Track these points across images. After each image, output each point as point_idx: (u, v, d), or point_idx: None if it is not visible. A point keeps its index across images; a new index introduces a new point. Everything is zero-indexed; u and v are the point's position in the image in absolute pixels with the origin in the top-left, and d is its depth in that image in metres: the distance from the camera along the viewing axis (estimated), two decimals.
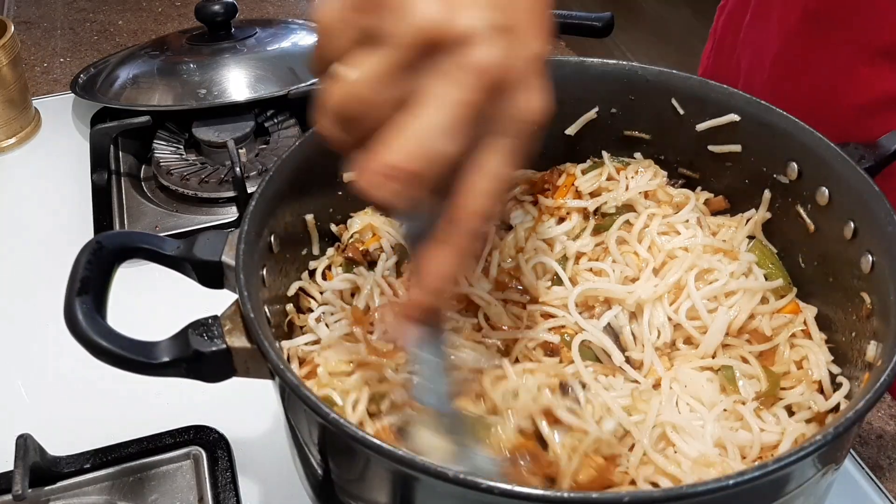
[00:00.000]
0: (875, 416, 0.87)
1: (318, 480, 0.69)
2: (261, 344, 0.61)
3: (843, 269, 0.74)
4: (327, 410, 0.56)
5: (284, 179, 0.76)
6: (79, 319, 0.62)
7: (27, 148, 1.32)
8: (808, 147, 0.76)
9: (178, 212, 1.18)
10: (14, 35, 1.27)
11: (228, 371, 0.66)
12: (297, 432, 0.67)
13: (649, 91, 0.85)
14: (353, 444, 0.56)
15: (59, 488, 0.81)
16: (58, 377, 0.95)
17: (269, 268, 0.73)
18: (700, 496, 0.52)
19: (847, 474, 0.82)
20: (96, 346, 0.62)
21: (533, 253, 0.79)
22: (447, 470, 0.52)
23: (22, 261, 1.10)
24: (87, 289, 0.64)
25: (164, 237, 0.71)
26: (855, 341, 0.71)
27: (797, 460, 0.53)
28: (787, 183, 0.79)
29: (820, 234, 0.77)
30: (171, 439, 0.85)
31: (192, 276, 0.71)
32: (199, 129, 1.23)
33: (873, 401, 0.56)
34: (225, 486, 0.81)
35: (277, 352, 0.61)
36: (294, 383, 0.58)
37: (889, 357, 0.59)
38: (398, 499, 0.60)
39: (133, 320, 0.69)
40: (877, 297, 0.69)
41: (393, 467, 0.56)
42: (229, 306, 0.66)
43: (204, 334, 0.64)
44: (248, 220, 0.69)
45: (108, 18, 1.66)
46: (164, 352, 0.64)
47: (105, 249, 0.68)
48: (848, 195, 0.73)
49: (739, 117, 0.81)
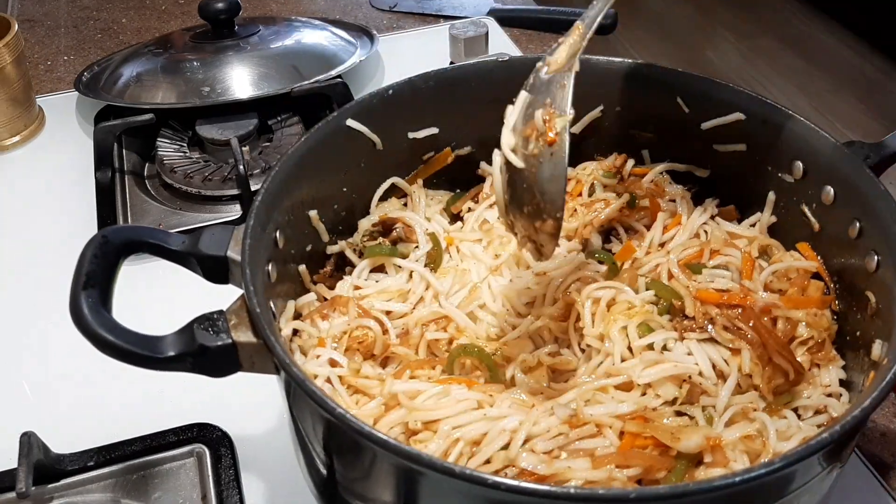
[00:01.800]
0: (879, 414, 0.87)
1: (322, 478, 0.69)
2: (267, 339, 0.61)
3: (848, 268, 0.74)
4: (333, 405, 0.56)
5: (289, 175, 0.76)
6: (84, 313, 0.62)
7: (31, 146, 1.32)
8: (813, 146, 0.76)
9: (182, 210, 1.18)
10: (18, 33, 1.27)
11: (234, 366, 0.66)
12: (301, 429, 0.67)
13: (654, 89, 0.85)
14: (359, 438, 0.56)
15: (62, 486, 0.81)
16: (62, 375, 0.95)
17: (275, 263, 0.73)
18: (706, 493, 0.52)
19: (851, 472, 0.82)
20: (101, 339, 0.62)
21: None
22: (453, 466, 0.52)
23: (26, 259, 1.10)
24: (93, 283, 0.64)
25: (169, 232, 0.71)
26: (860, 340, 0.71)
27: (803, 458, 0.53)
28: (793, 182, 0.79)
29: (825, 233, 0.77)
30: (174, 437, 0.85)
31: (198, 271, 0.71)
32: (202, 127, 1.23)
33: (879, 399, 0.56)
34: (228, 483, 0.81)
35: (283, 346, 0.61)
36: (300, 377, 0.58)
37: (894, 356, 0.59)
38: (403, 496, 0.60)
39: (143, 316, 0.69)
40: (882, 296, 0.68)
41: (399, 462, 0.56)
42: (235, 301, 0.66)
43: (209, 329, 0.64)
44: (254, 215, 0.70)
45: (112, 16, 1.66)
46: (170, 346, 0.64)
47: (111, 244, 0.68)
48: (853, 194, 0.73)
49: (745, 116, 0.81)
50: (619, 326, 0.72)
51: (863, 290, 0.71)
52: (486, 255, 0.82)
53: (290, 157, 0.76)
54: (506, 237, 0.82)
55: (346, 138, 0.82)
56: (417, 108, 0.86)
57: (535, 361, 0.72)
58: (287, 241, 0.76)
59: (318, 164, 0.80)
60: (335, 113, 0.81)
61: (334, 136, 0.81)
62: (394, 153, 0.87)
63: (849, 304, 0.74)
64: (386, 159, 0.87)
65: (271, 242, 0.73)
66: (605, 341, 0.72)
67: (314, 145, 0.79)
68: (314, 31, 1.40)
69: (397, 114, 0.85)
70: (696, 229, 0.83)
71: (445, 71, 0.86)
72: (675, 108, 0.85)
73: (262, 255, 0.70)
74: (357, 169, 0.85)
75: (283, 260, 0.76)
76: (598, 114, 0.88)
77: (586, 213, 0.85)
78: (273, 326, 0.64)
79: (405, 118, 0.87)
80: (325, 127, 0.80)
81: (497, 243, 0.83)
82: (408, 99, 0.85)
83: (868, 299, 0.70)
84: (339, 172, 0.83)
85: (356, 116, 0.82)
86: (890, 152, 0.76)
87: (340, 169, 0.83)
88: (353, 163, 0.84)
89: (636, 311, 0.73)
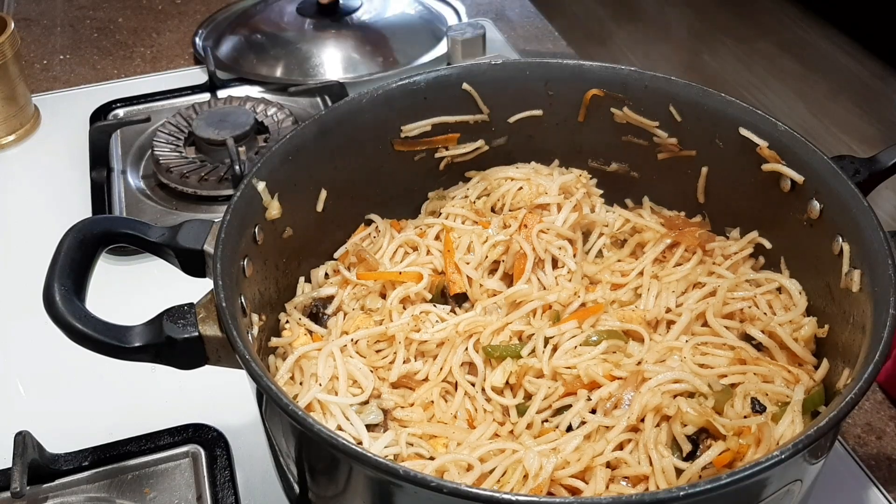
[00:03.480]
0: (875, 418, 0.87)
1: (293, 488, 0.69)
2: (229, 333, 0.61)
3: (833, 284, 0.73)
4: (287, 401, 0.56)
5: (272, 172, 0.76)
6: (56, 301, 0.63)
7: (26, 145, 1.31)
8: (803, 159, 0.76)
9: (178, 209, 1.18)
10: (14, 32, 1.26)
11: (200, 359, 0.66)
12: (273, 441, 0.68)
13: (647, 96, 0.85)
14: (331, 450, 0.56)
15: (57, 486, 0.81)
16: (56, 375, 0.94)
17: (253, 259, 0.73)
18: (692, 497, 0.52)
19: (845, 475, 0.82)
20: (71, 327, 0.63)
21: None
22: (429, 478, 0.52)
23: (20, 258, 1.10)
24: (68, 272, 0.65)
25: (149, 224, 0.71)
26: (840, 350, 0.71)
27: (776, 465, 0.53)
28: (782, 195, 0.78)
29: (812, 248, 0.76)
30: (169, 437, 0.85)
31: (175, 264, 0.71)
32: (198, 126, 1.22)
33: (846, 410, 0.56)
34: (223, 483, 0.81)
35: (246, 341, 0.61)
36: (258, 373, 0.58)
37: (854, 384, 0.58)
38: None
39: (143, 316, 0.68)
40: (859, 315, 0.68)
41: (374, 475, 0.56)
42: (205, 295, 0.66)
43: (178, 321, 0.65)
44: (232, 210, 0.70)
45: (108, 16, 1.65)
46: (137, 336, 0.64)
47: (88, 234, 0.68)
48: (838, 209, 0.72)
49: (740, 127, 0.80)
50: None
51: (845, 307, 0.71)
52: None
53: (274, 153, 0.77)
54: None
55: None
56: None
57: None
58: (267, 238, 0.76)
59: (303, 163, 0.80)
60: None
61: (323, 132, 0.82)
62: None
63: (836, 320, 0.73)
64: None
65: (249, 238, 0.73)
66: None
67: (300, 144, 0.79)
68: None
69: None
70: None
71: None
72: (667, 116, 0.84)
73: (238, 250, 0.70)
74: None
75: (262, 257, 0.76)
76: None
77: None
78: (239, 321, 0.64)
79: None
80: (313, 125, 0.81)
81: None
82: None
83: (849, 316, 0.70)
84: (323, 172, 0.83)
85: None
86: (881, 168, 0.76)
87: (324, 172, 0.83)
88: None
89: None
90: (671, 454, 0.64)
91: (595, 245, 0.85)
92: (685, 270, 0.81)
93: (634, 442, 0.66)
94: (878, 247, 0.66)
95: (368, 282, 0.81)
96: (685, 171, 0.87)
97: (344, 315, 0.80)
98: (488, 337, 0.76)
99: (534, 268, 0.79)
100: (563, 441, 0.67)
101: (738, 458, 0.64)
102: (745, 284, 0.79)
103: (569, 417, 0.69)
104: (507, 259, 0.81)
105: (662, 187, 0.89)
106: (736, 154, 0.81)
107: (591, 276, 0.82)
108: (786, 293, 0.78)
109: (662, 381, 0.68)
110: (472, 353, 0.75)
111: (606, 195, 0.89)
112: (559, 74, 0.86)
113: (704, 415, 0.65)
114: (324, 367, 0.71)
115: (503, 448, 0.66)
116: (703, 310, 0.77)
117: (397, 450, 0.67)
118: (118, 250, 1.04)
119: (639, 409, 0.67)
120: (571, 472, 0.64)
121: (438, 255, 0.83)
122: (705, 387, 0.68)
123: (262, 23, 1.53)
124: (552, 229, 0.82)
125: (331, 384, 0.71)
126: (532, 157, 0.91)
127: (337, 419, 0.69)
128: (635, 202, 0.92)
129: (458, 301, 0.82)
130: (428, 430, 0.70)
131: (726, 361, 0.72)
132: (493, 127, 0.89)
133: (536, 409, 0.71)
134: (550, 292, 0.77)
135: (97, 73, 1.49)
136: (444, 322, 0.77)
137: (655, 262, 0.83)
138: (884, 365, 0.59)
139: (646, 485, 0.64)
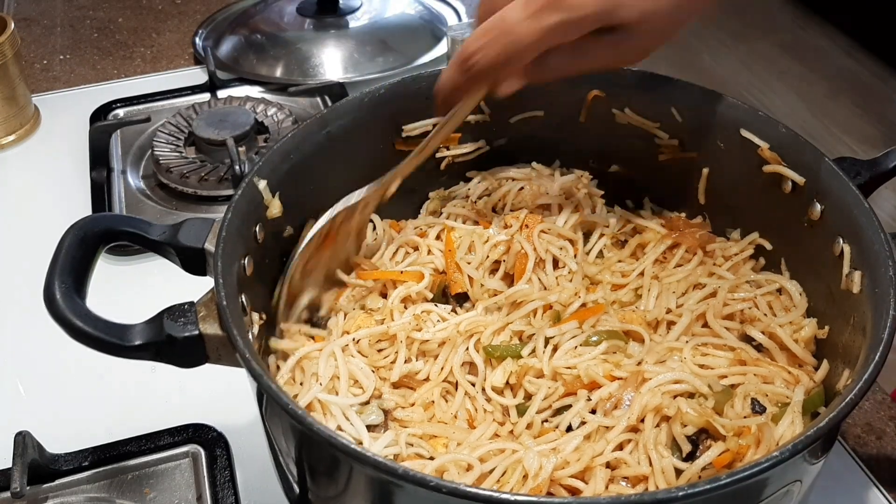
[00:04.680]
0: (875, 418, 0.87)
1: (295, 495, 0.69)
2: (230, 331, 0.61)
3: (833, 285, 0.73)
4: (287, 400, 0.56)
5: (273, 170, 0.76)
6: (56, 299, 0.63)
7: (26, 145, 1.31)
8: (804, 161, 0.76)
9: (178, 210, 1.17)
10: (14, 32, 1.26)
11: (200, 357, 0.66)
12: (273, 441, 0.68)
13: (648, 98, 0.85)
14: (331, 449, 0.56)
15: (57, 486, 0.81)
16: (57, 374, 0.94)
17: (254, 257, 0.73)
18: (691, 498, 0.52)
19: (845, 475, 0.82)
20: (71, 325, 0.63)
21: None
22: (428, 478, 0.52)
23: (20, 258, 1.10)
24: (69, 270, 0.65)
25: (150, 222, 0.71)
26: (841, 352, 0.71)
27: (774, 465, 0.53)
28: (783, 196, 0.78)
29: (812, 250, 0.76)
30: (169, 437, 0.85)
31: (176, 262, 0.71)
32: (198, 126, 1.22)
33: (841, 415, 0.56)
34: (223, 484, 0.81)
35: (246, 340, 0.61)
36: (258, 371, 0.58)
37: (853, 385, 0.58)
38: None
39: (139, 311, 0.69)
40: (859, 317, 0.68)
41: (374, 475, 0.56)
42: (206, 293, 0.66)
43: (179, 319, 0.64)
44: (233, 208, 0.70)
45: (108, 16, 1.65)
46: (138, 335, 0.64)
47: (89, 231, 0.68)
48: (839, 211, 0.72)
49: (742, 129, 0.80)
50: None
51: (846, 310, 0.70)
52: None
53: (275, 152, 0.77)
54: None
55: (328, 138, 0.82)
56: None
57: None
58: (269, 236, 0.76)
59: (304, 162, 0.80)
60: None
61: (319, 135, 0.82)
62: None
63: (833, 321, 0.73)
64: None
65: (251, 237, 0.73)
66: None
67: (301, 143, 0.79)
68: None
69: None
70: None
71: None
72: (668, 118, 0.84)
73: (239, 248, 0.70)
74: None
75: (263, 256, 0.76)
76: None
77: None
78: (240, 319, 0.64)
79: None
80: (315, 124, 0.81)
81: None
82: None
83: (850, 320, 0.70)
84: (324, 171, 0.83)
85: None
86: (882, 170, 0.76)
87: (324, 169, 0.83)
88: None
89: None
90: (671, 454, 0.64)
91: (596, 245, 0.85)
92: (686, 271, 0.81)
93: (634, 442, 0.66)
94: (879, 248, 0.66)
95: (368, 282, 0.81)
96: (686, 173, 0.87)
97: (344, 315, 0.80)
98: (489, 337, 0.76)
99: (535, 268, 0.79)
100: (563, 441, 0.67)
101: (738, 458, 0.64)
102: (745, 285, 0.79)
103: (569, 417, 0.69)
104: (508, 259, 0.81)
105: (663, 188, 0.89)
106: (737, 155, 0.81)
107: (592, 277, 0.82)
108: (786, 294, 0.78)
109: (662, 382, 0.68)
110: (473, 353, 0.75)
111: (607, 196, 0.89)
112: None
113: (704, 415, 0.65)
114: (325, 366, 0.72)
115: (503, 448, 0.66)
116: (704, 311, 0.77)
117: (397, 450, 0.67)
118: (119, 249, 1.05)
119: (639, 410, 0.67)
120: (571, 473, 0.64)
121: (439, 255, 0.83)
122: (705, 387, 0.68)
123: (262, 23, 1.52)
124: (553, 229, 0.82)
125: (331, 384, 0.71)
126: (533, 157, 0.91)
127: (337, 419, 0.69)
128: (636, 203, 0.92)
129: (459, 301, 0.82)
130: (428, 430, 0.70)
131: (726, 362, 0.72)
132: (495, 127, 0.90)
133: (536, 409, 0.71)
134: (551, 292, 0.78)
135: (97, 73, 1.49)
136: (445, 322, 0.77)
137: (656, 263, 0.83)
138: (883, 366, 0.59)
139: (645, 485, 0.64)
